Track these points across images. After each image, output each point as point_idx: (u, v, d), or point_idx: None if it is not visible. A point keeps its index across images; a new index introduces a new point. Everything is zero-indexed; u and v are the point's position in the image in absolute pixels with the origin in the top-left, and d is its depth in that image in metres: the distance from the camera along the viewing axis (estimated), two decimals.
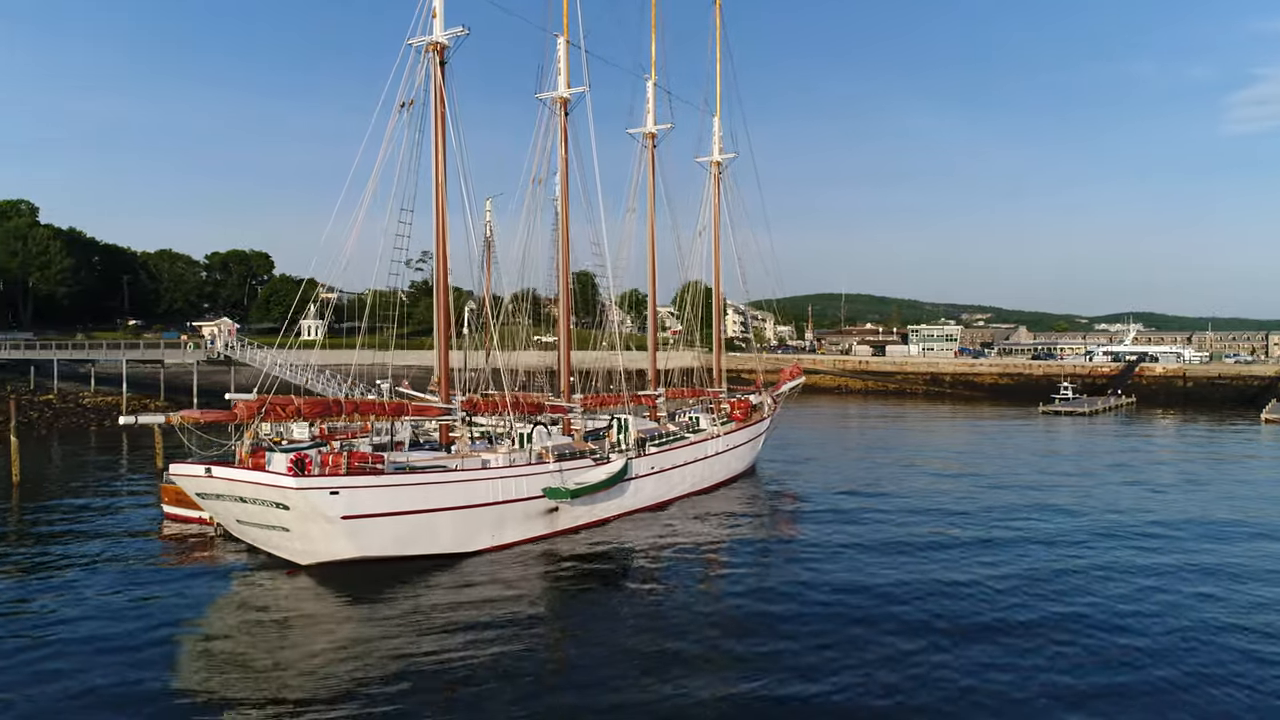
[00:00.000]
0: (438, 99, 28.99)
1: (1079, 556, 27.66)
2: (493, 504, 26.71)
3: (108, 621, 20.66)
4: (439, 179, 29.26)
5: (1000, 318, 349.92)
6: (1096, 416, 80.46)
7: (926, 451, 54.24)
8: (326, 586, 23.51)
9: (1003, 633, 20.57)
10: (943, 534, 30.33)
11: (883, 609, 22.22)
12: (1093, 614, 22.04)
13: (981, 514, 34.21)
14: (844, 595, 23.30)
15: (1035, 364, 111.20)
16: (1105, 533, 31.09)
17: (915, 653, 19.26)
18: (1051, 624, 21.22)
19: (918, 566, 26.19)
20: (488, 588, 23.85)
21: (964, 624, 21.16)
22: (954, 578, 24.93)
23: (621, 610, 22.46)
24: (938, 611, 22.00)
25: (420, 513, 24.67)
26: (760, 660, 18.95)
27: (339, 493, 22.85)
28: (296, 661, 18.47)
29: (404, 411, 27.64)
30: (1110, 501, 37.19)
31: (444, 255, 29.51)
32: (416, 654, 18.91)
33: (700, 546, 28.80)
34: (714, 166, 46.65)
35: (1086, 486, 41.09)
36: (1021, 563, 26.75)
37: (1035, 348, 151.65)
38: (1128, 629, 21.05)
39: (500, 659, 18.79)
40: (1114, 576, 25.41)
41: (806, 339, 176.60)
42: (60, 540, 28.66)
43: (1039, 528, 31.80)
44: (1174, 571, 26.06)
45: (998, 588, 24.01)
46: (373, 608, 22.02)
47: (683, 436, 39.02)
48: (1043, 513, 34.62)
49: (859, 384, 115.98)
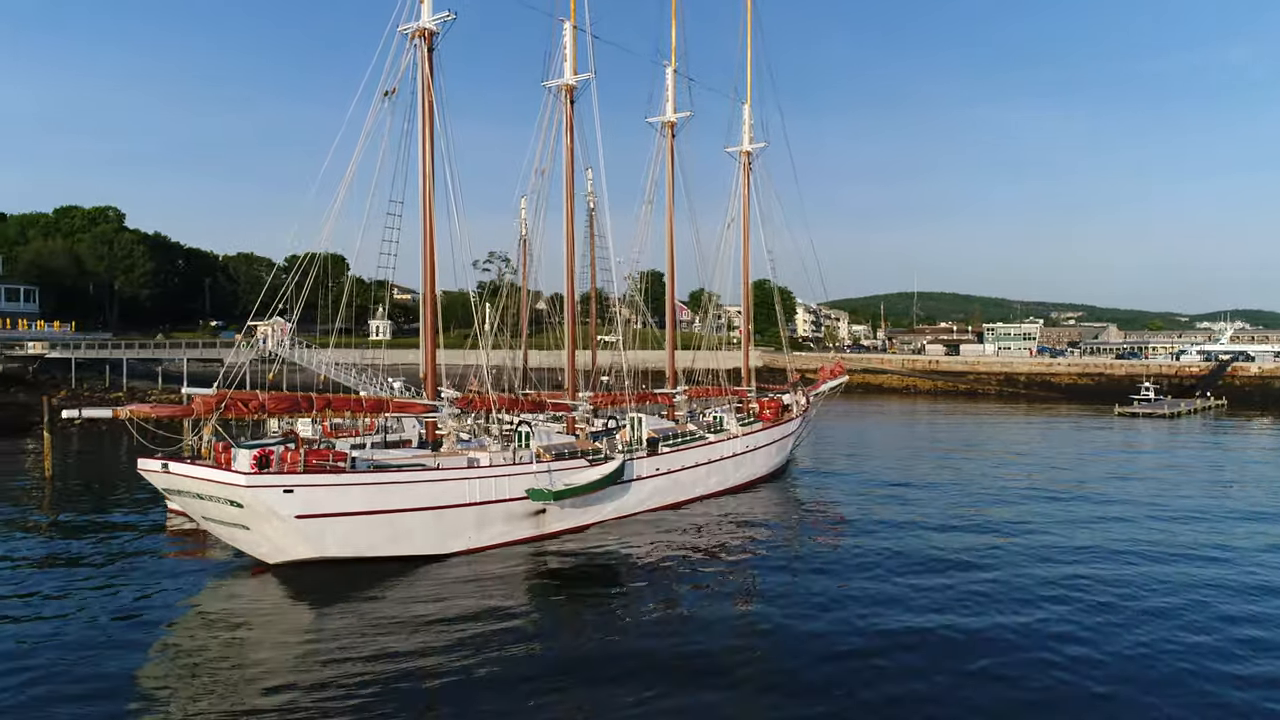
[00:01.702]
0: (425, 87, 28.20)
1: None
2: (470, 505, 25.70)
3: (72, 620, 20.39)
4: (426, 169, 28.47)
5: (1093, 316, 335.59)
6: (1179, 419, 75.21)
7: (977, 453, 51.15)
8: (290, 587, 22.86)
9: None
10: (976, 551, 27.55)
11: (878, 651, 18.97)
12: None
13: (1012, 525, 31.60)
14: (837, 630, 20.12)
15: (1118, 364, 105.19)
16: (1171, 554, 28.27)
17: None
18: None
19: (938, 596, 22.49)
20: (456, 591, 22.83)
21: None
22: (971, 623, 20.39)
23: (587, 616, 21.28)
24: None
25: (386, 513, 23.82)
26: (728, 676, 17.54)
27: (293, 491, 22.15)
28: (245, 666, 17.74)
29: (383, 408, 26.90)
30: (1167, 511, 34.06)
31: (431, 247, 28.70)
32: (373, 659, 18.00)
33: (696, 554, 27.15)
34: (743, 156, 44.86)
35: (1141, 491, 37.84)
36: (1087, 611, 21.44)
37: (1120, 347, 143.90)
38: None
39: (460, 664, 17.86)
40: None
41: (878, 338, 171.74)
42: (71, 533, 29.02)
43: (1096, 545, 28.52)
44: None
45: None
46: (333, 610, 21.23)
47: (701, 436, 37.44)
48: (1099, 527, 31.80)
49: (928, 384, 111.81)
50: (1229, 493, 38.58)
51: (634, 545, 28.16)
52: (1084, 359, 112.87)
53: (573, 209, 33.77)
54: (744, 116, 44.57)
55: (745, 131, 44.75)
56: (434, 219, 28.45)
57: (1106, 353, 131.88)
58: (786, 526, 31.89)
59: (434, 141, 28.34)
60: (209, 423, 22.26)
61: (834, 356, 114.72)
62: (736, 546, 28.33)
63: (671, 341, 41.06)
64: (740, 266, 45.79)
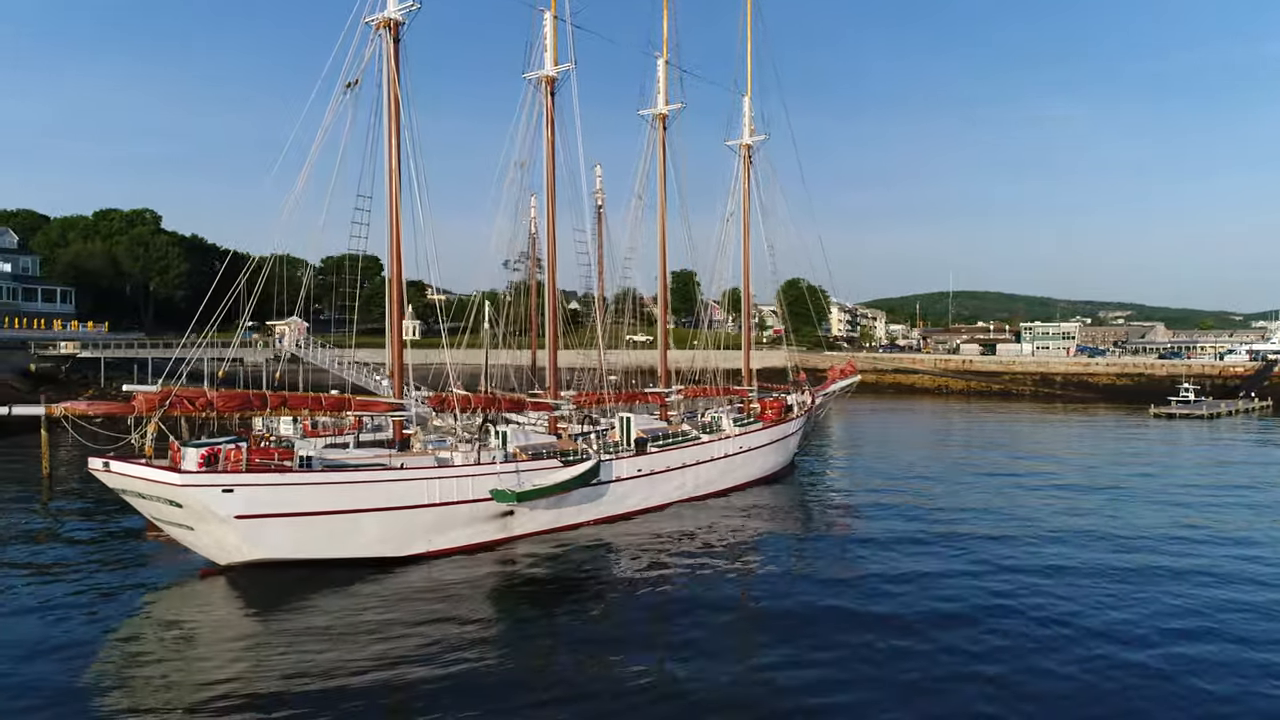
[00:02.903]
0: (390, 80, 27.59)
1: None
2: (429, 506, 24.99)
3: (15, 623, 20.12)
4: (392, 164, 27.86)
5: (1142, 315, 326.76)
6: (1218, 420, 72.21)
7: (992, 453, 49.26)
8: (235, 590, 22.36)
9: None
10: (974, 561, 25.92)
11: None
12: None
13: (1012, 540, 30.08)
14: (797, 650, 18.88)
15: (1159, 363, 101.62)
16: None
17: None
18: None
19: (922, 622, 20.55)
20: (410, 597, 22.10)
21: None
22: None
23: (548, 624, 20.53)
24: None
25: (334, 514, 23.19)
26: (689, 692, 16.62)
27: (233, 491, 21.62)
28: (174, 674, 17.18)
29: (344, 406, 26.34)
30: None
31: (398, 243, 28.08)
32: (308, 669, 17.32)
33: (673, 559, 26.07)
34: (743, 150, 43.64)
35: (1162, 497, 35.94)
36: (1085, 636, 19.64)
37: (1164, 346, 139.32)
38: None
39: (406, 675, 17.17)
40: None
41: (914, 337, 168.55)
42: (52, 532, 29.09)
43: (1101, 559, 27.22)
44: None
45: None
46: (275, 615, 20.61)
47: (695, 436, 36.41)
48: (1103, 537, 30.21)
49: (961, 384, 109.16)
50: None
51: (608, 549, 27.23)
52: (1123, 359, 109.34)
53: (554, 204, 32.97)
54: (744, 109, 43.37)
55: (745, 124, 43.55)
56: (399, 214, 27.86)
57: (1150, 352, 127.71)
58: (776, 531, 30.67)
59: (400, 135, 27.73)
60: (153, 420, 21.82)
61: (847, 356, 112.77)
62: (720, 551, 27.26)
63: (663, 341, 40.02)
64: (740, 262, 44.53)
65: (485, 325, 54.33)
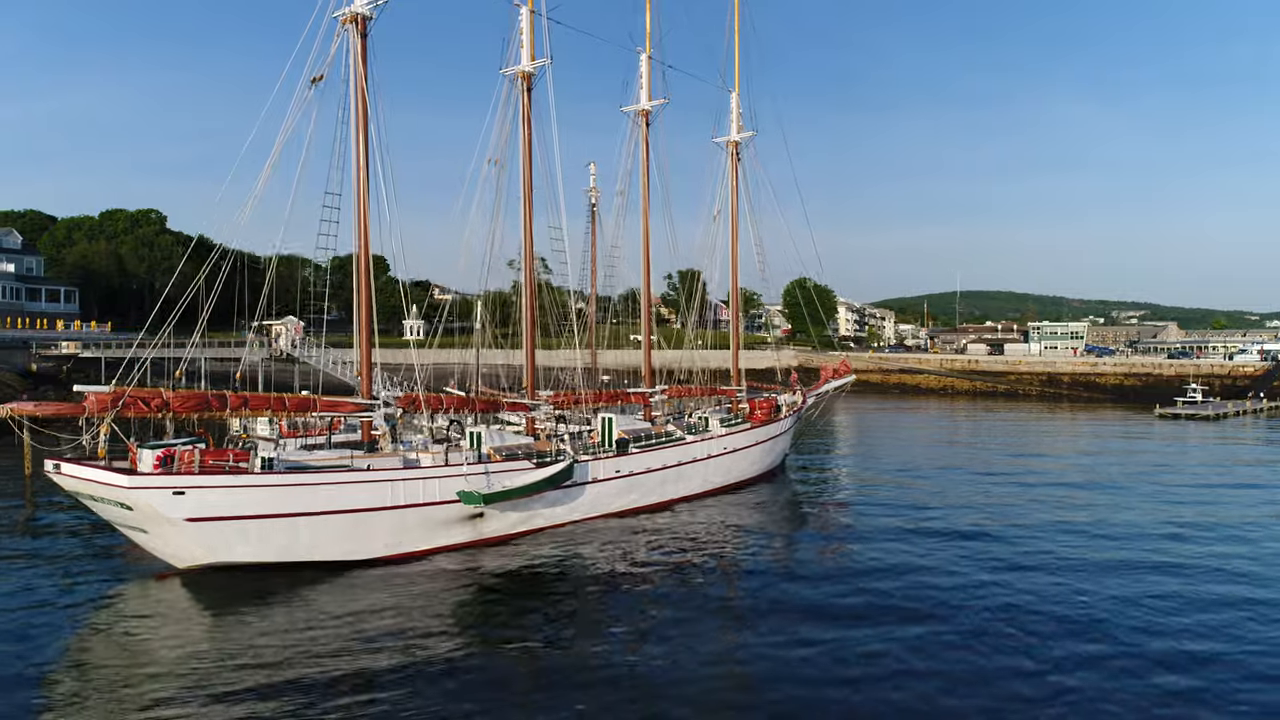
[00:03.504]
0: (358, 75, 27.15)
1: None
2: (392, 509, 24.52)
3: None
4: (360, 160, 27.43)
5: (1156, 315, 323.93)
6: (1224, 421, 71.05)
7: (987, 453, 48.43)
8: (190, 594, 21.94)
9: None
10: (948, 569, 25.21)
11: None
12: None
13: (986, 538, 29.40)
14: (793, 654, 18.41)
15: (1167, 363, 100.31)
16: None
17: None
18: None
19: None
20: (371, 600, 21.61)
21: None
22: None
23: (514, 629, 20.02)
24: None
25: (291, 516, 22.74)
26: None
27: (184, 493, 21.20)
28: (129, 679, 16.77)
29: (309, 407, 25.89)
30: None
31: (365, 241, 27.69)
32: (261, 680, 16.85)
33: (649, 561, 25.57)
34: (731, 146, 43.02)
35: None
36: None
37: (1172, 346, 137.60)
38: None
39: (364, 681, 16.79)
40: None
41: (921, 337, 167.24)
42: (18, 532, 29.03)
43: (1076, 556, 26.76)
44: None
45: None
46: (228, 620, 20.21)
47: (679, 437, 35.83)
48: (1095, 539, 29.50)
49: (966, 384, 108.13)
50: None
51: (580, 552, 26.68)
52: (1131, 359, 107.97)
53: (530, 202, 32.40)
54: (731, 105, 42.75)
55: (733, 120, 42.93)
56: (367, 212, 27.44)
57: (1160, 352, 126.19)
58: (756, 532, 30.14)
59: (368, 132, 27.29)
60: (106, 421, 21.43)
61: (841, 355, 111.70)
62: (694, 553, 26.77)
63: (647, 340, 39.44)
64: (729, 260, 43.91)
65: (476, 325, 54.10)
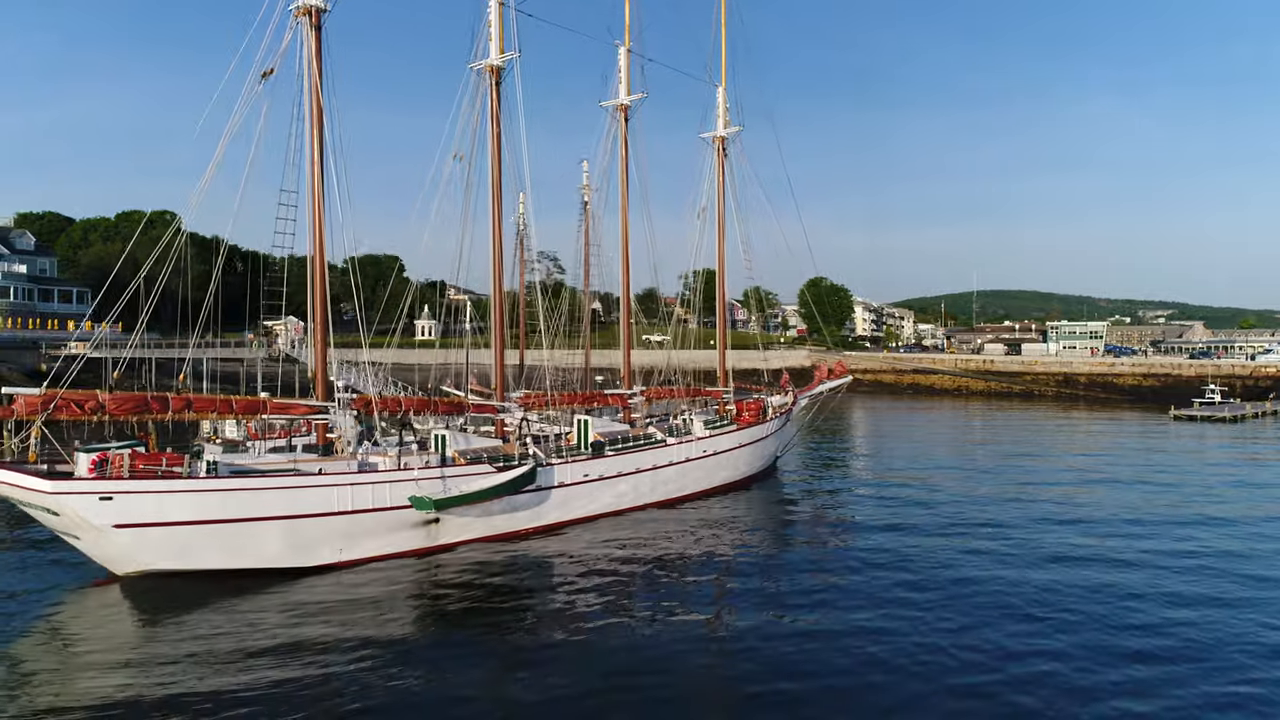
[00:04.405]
0: (311, 70, 26.53)
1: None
2: (339, 514, 23.83)
3: None
4: (315, 157, 26.83)
5: (1185, 314, 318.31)
6: (1242, 423, 68.91)
7: (990, 457, 47.05)
8: (130, 601, 21.34)
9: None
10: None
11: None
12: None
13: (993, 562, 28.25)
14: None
15: (1187, 363, 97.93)
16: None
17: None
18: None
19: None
20: (315, 610, 20.90)
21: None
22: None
23: (462, 640, 19.35)
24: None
25: (231, 522, 22.11)
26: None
27: (112, 499, 20.62)
28: (56, 688, 16.26)
29: (259, 409, 25.27)
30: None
31: (320, 238, 27.12)
32: (195, 678, 16.50)
33: (614, 569, 24.71)
34: (717, 142, 42.04)
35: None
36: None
37: (1194, 346, 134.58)
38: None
39: (299, 685, 16.33)
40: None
41: (938, 337, 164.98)
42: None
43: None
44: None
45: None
46: (162, 626, 19.64)
47: (660, 440, 34.93)
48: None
49: (981, 385, 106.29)
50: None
51: (539, 559, 25.90)
52: (1150, 359, 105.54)
53: (499, 200, 31.65)
54: (717, 99, 41.78)
55: (720, 115, 41.94)
56: (322, 209, 26.86)
57: (1182, 352, 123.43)
58: (730, 538, 29.15)
59: (322, 128, 26.67)
60: (36, 424, 20.92)
61: (836, 357, 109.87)
62: (665, 559, 25.93)
63: (626, 341, 38.56)
64: (715, 258, 42.93)
65: (466, 325, 53.51)
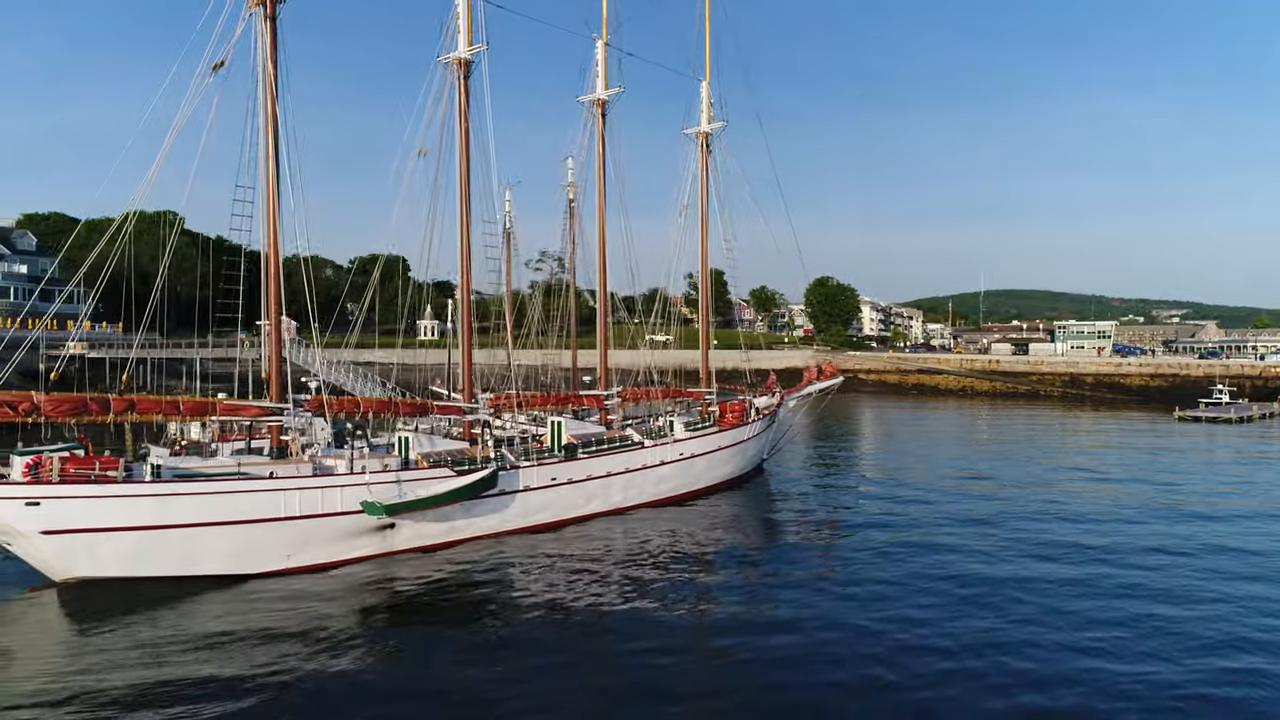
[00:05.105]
0: (265, 63, 25.84)
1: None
2: (286, 519, 23.11)
3: None
4: (271, 150, 26.14)
5: (1200, 314, 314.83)
6: (1247, 424, 67.42)
7: (982, 458, 45.92)
8: (64, 607, 20.77)
9: None
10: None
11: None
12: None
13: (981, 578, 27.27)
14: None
15: (1196, 364, 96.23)
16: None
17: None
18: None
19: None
20: (256, 620, 20.27)
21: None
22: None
23: (415, 652, 18.71)
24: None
25: (169, 528, 21.42)
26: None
27: (39, 504, 19.96)
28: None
29: (208, 411, 24.60)
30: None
31: (274, 234, 26.49)
32: (126, 688, 16.08)
33: (580, 575, 24.00)
34: (701, 138, 41.15)
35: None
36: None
37: (1204, 346, 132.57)
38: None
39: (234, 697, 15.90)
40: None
41: (945, 337, 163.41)
42: None
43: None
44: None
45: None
46: (96, 635, 19.03)
47: (635, 442, 34.09)
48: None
49: (986, 385, 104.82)
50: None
51: (498, 564, 25.15)
52: (1157, 359, 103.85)
53: (468, 197, 30.88)
54: (701, 94, 40.87)
55: (704, 110, 41.03)
56: (278, 204, 26.27)
57: (1193, 352, 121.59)
58: (709, 543, 28.39)
59: (276, 121, 26.00)
60: None
61: (840, 356, 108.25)
62: (632, 563, 25.33)
63: (603, 340, 37.71)
64: (699, 256, 42.02)
65: (448, 325, 52.89)
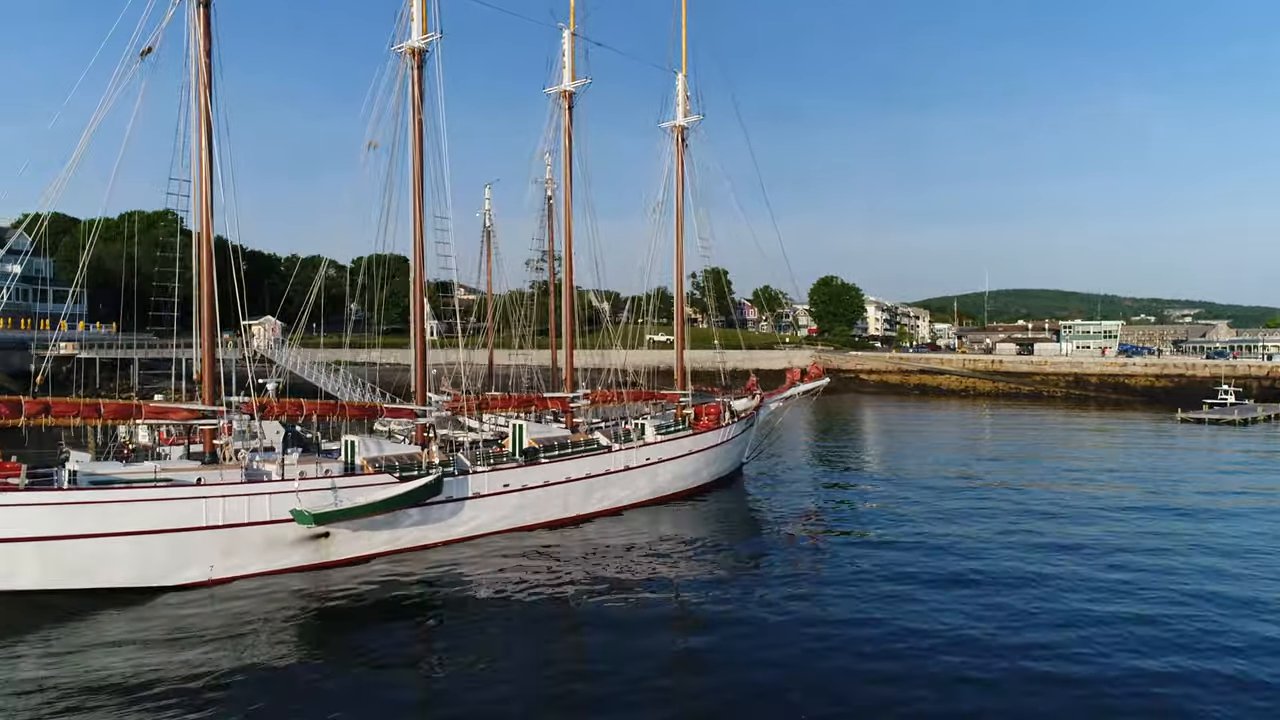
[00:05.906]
0: (197, 51, 24.78)
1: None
2: (209, 528, 22.06)
3: None
4: (203, 142, 25.10)
5: (1212, 313, 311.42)
6: (1252, 426, 65.65)
7: (970, 460, 44.45)
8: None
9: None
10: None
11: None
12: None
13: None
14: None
15: (1203, 364, 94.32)
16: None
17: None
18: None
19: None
20: (167, 629, 19.41)
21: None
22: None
23: (324, 657, 18.04)
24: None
25: (76, 538, 20.40)
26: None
27: None
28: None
29: (132, 414, 23.58)
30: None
31: (208, 231, 25.50)
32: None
33: (533, 586, 22.97)
34: (676, 132, 39.90)
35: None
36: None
37: (1212, 346, 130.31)
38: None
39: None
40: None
41: (951, 336, 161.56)
42: None
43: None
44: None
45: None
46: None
47: (602, 445, 32.92)
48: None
49: (989, 385, 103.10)
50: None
51: (441, 574, 24.11)
52: (1164, 359, 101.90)
53: (421, 191, 29.79)
54: (677, 87, 39.61)
55: (680, 104, 39.78)
56: (211, 199, 25.23)
57: (1200, 352, 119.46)
58: (661, 550, 27.21)
59: (209, 113, 24.92)
60: None
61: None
62: (588, 572, 24.33)
63: (569, 340, 36.51)
64: (674, 254, 40.78)
65: (429, 323, 51.85)
